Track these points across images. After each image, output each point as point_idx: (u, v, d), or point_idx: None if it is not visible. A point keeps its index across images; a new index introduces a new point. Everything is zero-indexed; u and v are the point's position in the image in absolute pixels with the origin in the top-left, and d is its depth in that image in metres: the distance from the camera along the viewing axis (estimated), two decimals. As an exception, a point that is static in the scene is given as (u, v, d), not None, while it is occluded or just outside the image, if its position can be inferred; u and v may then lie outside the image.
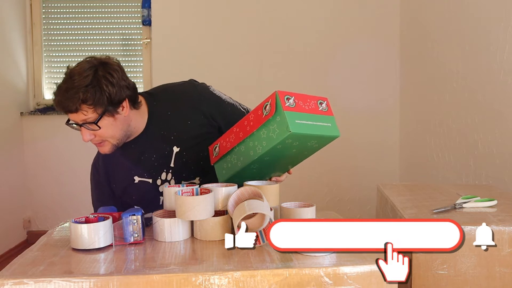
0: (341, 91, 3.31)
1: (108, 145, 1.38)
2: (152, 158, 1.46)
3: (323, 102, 1.21)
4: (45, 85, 3.59)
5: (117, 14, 3.60)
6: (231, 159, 1.25)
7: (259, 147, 1.16)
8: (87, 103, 1.28)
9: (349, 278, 0.91)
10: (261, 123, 1.15)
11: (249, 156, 1.19)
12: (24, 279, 0.87)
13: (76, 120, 1.32)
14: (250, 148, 1.18)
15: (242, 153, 1.21)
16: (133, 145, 1.45)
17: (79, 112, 1.30)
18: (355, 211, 3.59)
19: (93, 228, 1.03)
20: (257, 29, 3.46)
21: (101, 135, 1.34)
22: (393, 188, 1.67)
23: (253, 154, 1.18)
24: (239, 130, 1.22)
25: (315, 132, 1.14)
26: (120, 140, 1.39)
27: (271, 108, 1.13)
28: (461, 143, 2.56)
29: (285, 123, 1.10)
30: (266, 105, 1.15)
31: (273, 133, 1.12)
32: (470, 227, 1.18)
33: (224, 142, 1.28)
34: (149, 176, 1.46)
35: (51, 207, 3.50)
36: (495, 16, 2.24)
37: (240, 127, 1.22)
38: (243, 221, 0.98)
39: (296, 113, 1.12)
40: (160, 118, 1.47)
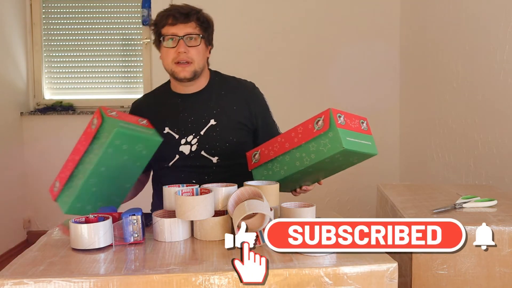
0: (341, 91, 3.31)
1: (192, 67, 1.52)
2: (189, 119, 1.57)
3: (364, 122, 1.28)
4: (45, 85, 3.59)
5: (117, 14, 3.60)
6: (273, 167, 1.32)
7: (307, 159, 1.23)
8: (200, 19, 1.52)
9: (349, 278, 0.91)
10: (312, 136, 1.21)
11: (295, 166, 1.26)
12: (24, 279, 0.87)
13: (177, 33, 1.50)
14: (296, 158, 1.25)
15: (287, 163, 1.28)
16: (180, 100, 1.59)
17: (188, 23, 1.50)
18: (355, 211, 3.59)
19: (93, 228, 1.03)
20: (257, 29, 3.46)
21: (193, 54, 1.51)
22: (393, 188, 1.67)
23: (299, 164, 1.25)
24: (285, 141, 1.28)
25: (360, 149, 1.21)
26: (199, 70, 1.54)
27: (324, 124, 1.19)
28: (461, 143, 2.56)
29: (338, 139, 1.16)
30: (318, 120, 1.21)
31: (324, 147, 1.19)
32: (470, 227, 1.17)
33: (266, 150, 1.34)
34: (178, 133, 1.56)
35: (51, 207, 3.47)
36: (495, 16, 2.24)
37: (286, 138, 1.28)
38: (243, 221, 0.98)
39: (347, 130, 1.20)
40: (214, 91, 1.61)
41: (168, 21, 1.51)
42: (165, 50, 1.53)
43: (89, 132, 1.22)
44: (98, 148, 1.19)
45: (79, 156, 1.23)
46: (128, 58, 3.62)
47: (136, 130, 1.23)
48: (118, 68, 3.63)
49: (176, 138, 1.56)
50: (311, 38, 3.49)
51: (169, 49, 1.52)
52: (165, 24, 1.51)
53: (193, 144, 1.55)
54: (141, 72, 3.59)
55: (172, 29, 1.50)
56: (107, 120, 1.19)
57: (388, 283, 0.92)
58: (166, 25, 1.51)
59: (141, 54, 3.58)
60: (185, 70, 1.52)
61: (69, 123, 3.48)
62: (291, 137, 1.26)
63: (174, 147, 1.55)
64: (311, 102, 3.46)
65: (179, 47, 1.50)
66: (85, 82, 3.62)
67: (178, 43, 1.50)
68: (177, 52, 1.50)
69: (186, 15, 1.50)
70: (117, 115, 1.22)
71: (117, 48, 3.62)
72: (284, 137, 1.28)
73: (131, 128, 1.21)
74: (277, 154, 1.30)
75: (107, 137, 1.16)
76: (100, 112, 1.21)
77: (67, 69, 3.61)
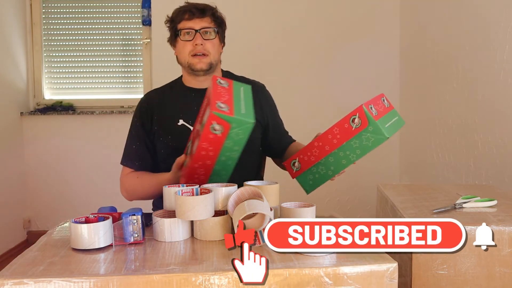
0: (341, 91, 3.31)
1: (208, 59, 1.59)
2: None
3: (384, 99, 1.30)
4: (45, 85, 3.59)
5: (117, 14, 3.60)
6: (319, 170, 1.35)
7: (353, 156, 1.26)
8: (215, 15, 1.60)
9: (349, 278, 0.91)
10: (352, 135, 1.23)
11: (341, 165, 1.30)
12: (24, 279, 0.87)
13: (193, 27, 1.57)
14: (341, 157, 1.28)
15: (333, 163, 1.31)
16: (194, 94, 1.63)
17: (204, 18, 1.58)
18: (355, 211, 3.59)
19: (93, 228, 1.03)
20: (257, 30, 3.46)
21: (209, 47, 1.58)
22: (393, 188, 1.67)
23: (346, 162, 1.28)
24: (323, 144, 1.29)
25: (396, 129, 1.25)
26: (214, 63, 1.61)
27: (361, 121, 1.20)
28: (461, 143, 2.56)
29: (380, 131, 1.19)
30: (353, 118, 1.22)
31: (368, 142, 1.22)
32: (470, 227, 1.18)
33: (304, 156, 1.35)
34: (192, 125, 1.58)
35: (51, 207, 3.50)
36: (495, 16, 2.24)
37: (324, 141, 1.29)
38: (243, 221, 0.98)
39: (381, 118, 1.22)
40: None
41: (184, 16, 1.58)
42: (182, 43, 1.59)
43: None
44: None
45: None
46: (128, 58, 3.62)
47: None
48: (118, 68, 3.63)
49: (191, 131, 1.55)
50: (311, 38, 3.50)
51: (186, 42, 1.58)
52: (182, 19, 1.58)
53: None
54: (141, 72, 3.59)
55: (188, 23, 1.57)
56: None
57: (388, 283, 0.92)
58: (183, 20, 1.58)
59: (141, 54, 3.58)
60: (201, 62, 1.58)
61: (69, 123, 3.48)
62: (329, 140, 1.27)
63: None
64: (311, 102, 3.47)
65: (196, 39, 1.56)
66: (85, 82, 3.62)
67: (194, 36, 1.57)
68: (194, 44, 1.57)
69: (202, 11, 1.58)
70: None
71: (117, 48, 3.62)
72: (321, 140, 1.29)
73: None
74: (319, 158, 1.32)
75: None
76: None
77: (67, 69, 3.61)
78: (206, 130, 1.17)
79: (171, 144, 1.59)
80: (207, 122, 1.16)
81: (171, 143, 1.59)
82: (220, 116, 1.15)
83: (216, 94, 1.22)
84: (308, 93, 3.48)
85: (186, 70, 1.64)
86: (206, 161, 1.26)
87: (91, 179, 3.43)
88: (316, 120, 1.68)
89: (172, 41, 1.65)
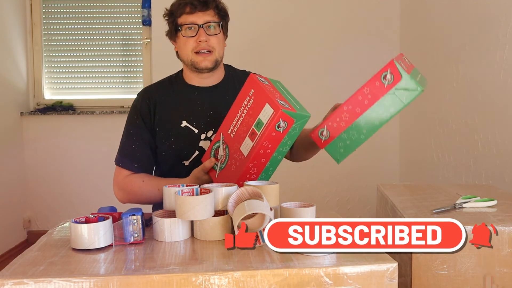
0: (341, 91, 3.29)
1: (213, 57, 1.49)
2: (208, 113, 1.52)
3: (405, 58, 1.27)
4: (45, 85, 3.59)
5: (117, 14, 3.60)
6: (350, 136, 1.27)
7: (386, 115, 1.21)
8: (218, 7, 1.49)
9: (349, 278, 0.91)
10: (385, 92, 1.18)
11: (375, 126, 1.24)
12: (24, 279, 0.87)
13: (196, 21, 1.45)
14: (374, 119, 1.22)
15: (364, 126, 1.24)
16: (196, 93, 1.54)
17: (207, 11, 1.46)
18: (355, 211, 3.59)
19: (93, 228, 1.03)
20: (257, 29, 3.46)
21: (213, 43, 1.47)
22: (393, 188, 1.67)
23: (379, 123, 1.23)
24: (353, 107, 1.24)
25: (424, 84, 1.22)
26: (219, 59, 1.51)
27: (393, 76, 1.17)
28: (461, 143, 2.56)
29: (414, 84, 1.16)
30: (385, 75, 1.18)
31: (401, 97, 1.18)
32: (470, 227, 1.17)
33: (333, 123, 1.28)
34: (197, 127, 1.51)
35: (51, 207, 3.50)
36: (495, 16, 2.24)
37: (353, 103, 1.24)
38: (243, 221, 0.98)
39: (412, 73, 1.19)
40: (230, 85, 1.57)
41: (185, 9, 1.46)
42: (184, 39, 1.47)
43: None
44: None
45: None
46: (128, 58, 3.62)
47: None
48: (118, 68, 3.63)
49: (195, 133, 1.51)
50: (312, 36, 3.50)
51: (188, 38, 1.46)
52: (183, 13, 1.46)
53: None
54: (141, 72, 3.59)
55: (190, 17, 1.45)
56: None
57: (388, 283, 0.92)
58: (184, 13, 1.46)
59: (141, 54, 3.58)
60: (206, 60, 1.47)
61: (69, 123, 3.48)
62: (360, 101, 1.22)
63: (194, 142, 1.51)
64: (310, 101, 3.45)
65: (200, 35, 1.45)
66: (85, 82, 3.62)
67: (197, 32, 1.45)
68: (198, 41, 1.45)
69: (205, 3, 1.46)
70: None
71: (117, 48, 3.62)
72: (351, 103, 1.24)
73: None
74: (349, 123, 1.26)
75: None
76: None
77: (67, 69, 3.61)
78: (271, 129, 1.19)
79: (174, 146, 1.51)
80: (272, 120, 1.18)
81: (174, 145, 1.51)
82: (287, 113, 1.16)
83: (269, 92, 1.22)
84: (308, 92, 3.47)
85: (188, 67, 1.53)
86: (261, 159, 1.25)
87: (91, 179, 3.43)
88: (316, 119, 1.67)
89: (171, 36, 1.53)
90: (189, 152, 1.51)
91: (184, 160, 1.52)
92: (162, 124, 1.52)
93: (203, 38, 1.45)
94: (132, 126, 1.54)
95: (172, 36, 1.53)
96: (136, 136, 1.53)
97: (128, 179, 1.51)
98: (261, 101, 1.24)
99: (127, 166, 1.52)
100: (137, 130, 1.53)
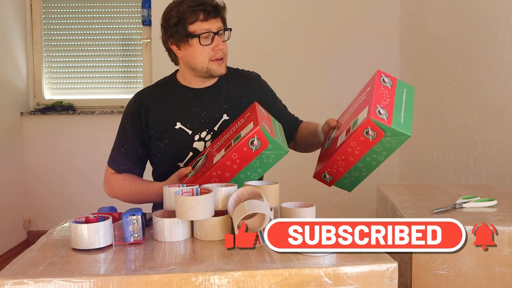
0: (341, 91, 3.30)
1: (225, 63, 1.51)
2: (202, 114, 1.53)
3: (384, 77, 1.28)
4: (45, 85, 3.59)
5: (117, 14, 3.60)
6: (352, 175, 1.33)
7: (380, 157, 1.25)
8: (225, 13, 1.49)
9: (349, 278, 0.91)
10: (372, 145, 1.21)
11: (372, 166, 1.29)
12: (24, 279, 0.87)
13: (211, 29, 1.44)
14: (369, 161, 1.27)
15: (363, 167, 1.29)
16: (191, 94, 1.55)
17: (218, 18, 1.46)
18: (355, 211, 3.59)
19: (93, 228, 1.03)
20: (256, 29, 3.45)
21: (226, 49, 1.49)
22: (393, 188, 1.67)
23: (376, 164, 1.28)
24: (346, 157, 1.27)
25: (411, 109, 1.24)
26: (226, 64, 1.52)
27: (376, 132, 1.19)
28: (461, 143, 2.56)
29: (399, 133, 1.18)
30: (367, 131, 1.20)
31: (391, 144, 1.21)
32: (470, 227, 1.17)
33: (333, 169, 1.33)
34: (191, 128, 1.52)
35: (51, 207, 3.50)
36: (495, 16, 2.24)
37: (345, 154, 1.27)
38: (243, 221, 0.98)
39: (394, 116, 1.20)
40: (223, 85, 1.58)
41: (199, 16, 1.42)
42: (200, 48, 1.44)
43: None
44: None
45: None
46: (128, 58, 3.62)
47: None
48: (118, 68, 3.63)
49: (189, 134, 1.52)
50: (311, 37, 3.49)
51: (205, 46, 1.44)
52: (196, 20, 1.42)
53: (207, 141, 1.52)
54: (141, 72, 3.59)
55: (205, 25, 1.43)
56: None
57: (388, 283, 0.92)
58: (197, 21, 1.42)
59: (141, 54, 3.58)
60: (221, 67, 1.49)
61: (69, 123, 3.48)
62: (350, 152, 1.25)
63: (187, 143, 1.52)
64: (310, 101, 3.46)
65: (219, 44, 1.45)
66: (85, 82, 3.62)
67: (213, 39, 1.44)
68: (216, 49, 1.45)
69: (216, 9, 1.45)
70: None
71: (117, 48, 3.62)
72: (343, 154, 1.27)
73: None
74: (347, 169, 1.31)
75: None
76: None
77: (67, 69, 3.61)
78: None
79: (168, 148, 1.53)
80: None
81: (169, 147, 1.53)
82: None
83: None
84: (307, 93, 3.47)
85: (198, 73, 1.50)
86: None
87: (91, 179, 3.42)
88: (315, 119, 1.67)
89: (177, 43, 1.48)
90: (184, 154, 1.53)
91: (179, 162, 1.54)
92: (157, 127, 1.53)
93: (221, 46, 1.46)
94: (122, 130, 1.58)
95: (179, 43, 1.48)
96: (125, 139, 1.56)
97: (113, 177, 1.56)
98: (249, 120, 1.28)
99: (114, 167, 1.57)
100: (126, 135, 1.56)
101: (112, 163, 1.57)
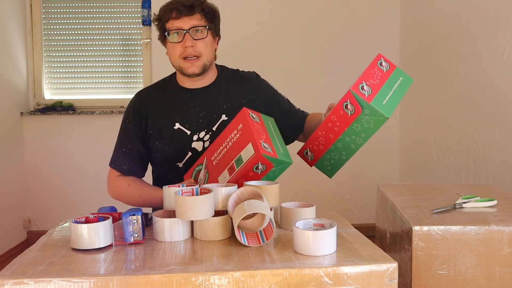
0: (341, 91, 3.30)
1: (201, 62, 1.48)
2: (200, 115, 1.54)
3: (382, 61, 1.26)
4: (45, 85, 3.59)
5: (117, 14, 3.60)
6: (333, 156, 1.34)
7: (359, 139, 1.25)
8: (205, 10, 1.46)
9: (349, 278, 0.91)
10: (351, 121, 1.20)
11: (352, 149, 1.29)
12: (24, 279, 0.87)
13: (182, 26, 1.45)
14: (349, 142, 1.27)
15: (342, 149, 1.30)
16: (189, 95, 1.55)
17: (193, 16, 1.45)
18: (355, 211, 3.59)
19: (93, 228, 1.03)
20: (257, 29, 3.46)
21: (200, 48, 1.46)
22: (393, 188, 1.67)
23: (355, 146, 1.28)
24: (326, 133, 1.28)
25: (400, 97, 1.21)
26: (208, 64, 1.50)
27: (354, 107, 1.17)
28: (461, 143, 2.56)
29: (378, 112, 1.16)
30: (346, 105, 1.19)
31: (369, 124, 1.20)
32: (470, 227, 1.18)
33: (313, 145, 1.34)
34: (189, 128, 1.53)
35: (51, 207, 3.50)
36: (495, 16, 2.24)
37: (326, 129, 1.27)
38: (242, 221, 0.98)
39: (377, 95, 1.17)
40: (223, 86, 1.58)
41: (172, 15, 1.45)
42: (171, 45, 1.48)
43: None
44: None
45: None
46: (128, 58, 3.62)
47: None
48: (118, 68, 3.63)
49: (188, 134, 1.52)
50: (311, 37, 3.50)
51: (175, 44, 1.47)
52: (169, 18, 1.46)
53: (206, 141, 1.52)
54: (141, 72, 3.59)
55: (176, 22, 1.45)
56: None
57: (388, 283, 0.92)
58: (170, 19, 1.46)
59: (141, 54, 3.58)
60: (193, 66, 1.47)
61: (69, 123, 3.48)
62: (330, 128, 1.25)
63: (186, 144, 1.52)
64: (310, 102, 3.45)
65: (186, 41, 1.45)
66: (85, 82, 3.62)
67: (184, 37, 1.45)
68: (184, 46, 1.45)
69: (190, 7, 1.45)
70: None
71: (117, 48, 3.62)
72: (324, 129, 1.27)
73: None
74: (327, 146, 1.30)
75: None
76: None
77: (67, 69, 3.61)
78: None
79: (167, 148, 1.54)
80: (251, 161, 1.21)
81: (168, 147, 1.54)
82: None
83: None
84: (307, 93, 3.47)
85: (178, 72, 1.55)
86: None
87: (91, 179, 3.43)
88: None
89: (162, 41, 1.54)
90: (182, 154, 1.53)
91: (178, 162, 1.55)
92: (156, 127, 1.55)
93: (188, 43, 1.44)
94: (123, 130, 1.59)
95: (162, 41, 1.54)
96: (127, 139, 1.57)
97: (117, 180, 1.56)
98: (246, 138, 1.27)
99: (116, 168, 1.57)
100: (128, 134, 1.56)
101: (114, 163, 1.57)
